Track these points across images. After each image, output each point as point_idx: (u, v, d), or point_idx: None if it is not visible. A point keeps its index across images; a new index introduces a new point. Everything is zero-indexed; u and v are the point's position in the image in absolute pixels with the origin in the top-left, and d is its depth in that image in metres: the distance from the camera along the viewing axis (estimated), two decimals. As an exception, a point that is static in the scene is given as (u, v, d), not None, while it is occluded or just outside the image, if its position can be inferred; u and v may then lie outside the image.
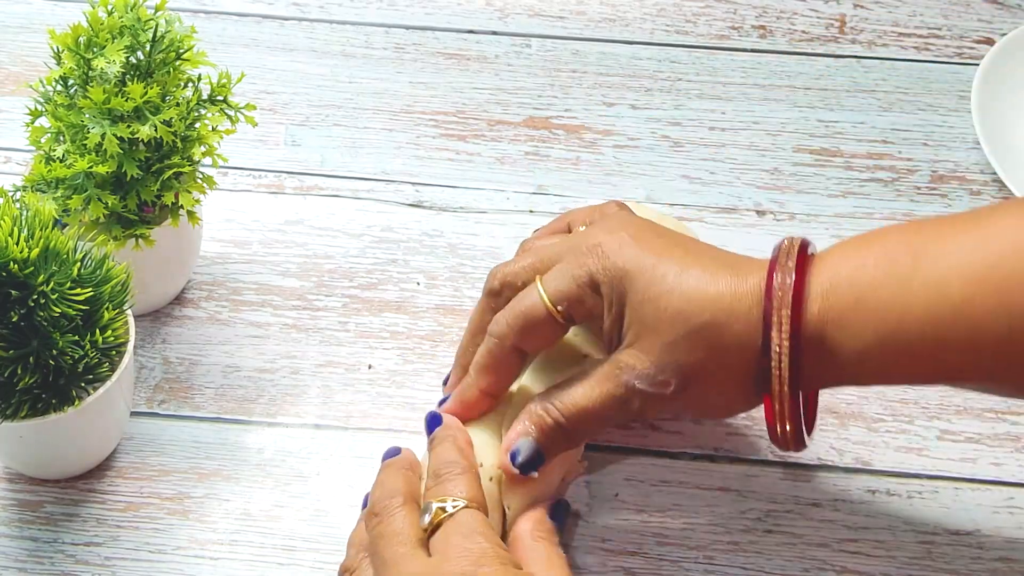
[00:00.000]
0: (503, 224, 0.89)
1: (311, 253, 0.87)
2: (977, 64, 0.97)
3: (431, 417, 0.72)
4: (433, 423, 0.71)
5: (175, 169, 0.75)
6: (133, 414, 0.78)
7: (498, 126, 0.95)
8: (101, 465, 0.76)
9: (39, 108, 0.76)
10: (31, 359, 0.68)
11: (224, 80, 0.77)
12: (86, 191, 0.74)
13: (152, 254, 0.77)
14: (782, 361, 0.65)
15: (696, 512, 0.76)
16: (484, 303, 0.74)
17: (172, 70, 0.76)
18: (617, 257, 0.68)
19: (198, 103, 0.77)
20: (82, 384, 0.71)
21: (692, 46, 1.01)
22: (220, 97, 0.77)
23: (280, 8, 1.02)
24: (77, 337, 0.69)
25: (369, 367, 0.82)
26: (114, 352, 0.72)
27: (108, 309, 0.71)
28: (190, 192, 0.77)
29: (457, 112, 0.96)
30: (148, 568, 0.73)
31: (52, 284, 0.67)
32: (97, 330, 0.70)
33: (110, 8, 0.75)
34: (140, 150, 0.75)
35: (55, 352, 0.68)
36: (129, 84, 0.73)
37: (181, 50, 0.76)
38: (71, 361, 0.69)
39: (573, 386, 0.69)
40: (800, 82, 0.98)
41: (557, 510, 0.70)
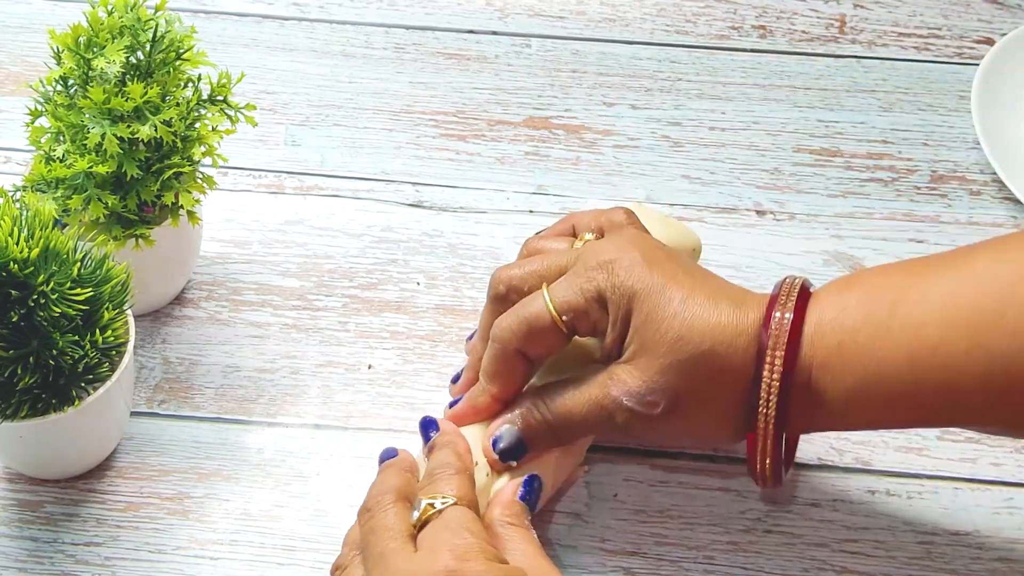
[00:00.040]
0: (503, 224, 0.89)
1: (311, 253, 0.87)
2: (977, 64, 0.97)
3: (427, 422, 0.72)
4: (428, 427, 0.72)
5: (175, 169, 0.75)
6: (133, 414, 0.78)
7: (498, 126, 0.95)
8: (101, 465, 0.76)
9: (39, 108, 0.76)
10: (31, 359, 0.68)
11: (224, 80, 0.77)
12: (86, 191, 0.74)
13: (152, 254, 0.77)
14: (770, 400, 0.66)
15: (696, 512, 0.76)
16: (490, 309, 0.74)
17: (172, 70, 0.76)
18: (627, 276, 0.68)
19: (198, 103, 0.77)
20: (82, 384, 0.71)
21: (692, 46, 1.01)
22: (220, 97, 0.77)
23: (280, 8, 1.02)
24: (77, 337, 0.69)
25: (369, 367, 0.82)
26: (114, 352, 0.72)
27: (108, 309, 0.71)
28: (190, 192, 0.77)
29: (457, 112, 0.96)
30: (148, 568, 0.73)
31: (52, 284, 0.67)
32: (97, 330, 0.70)
33: (110, 8, 0.75)
34: (140, 150, 0.75)
35: (55, 352, 0.68)
36: (129, 84, 0.73)
37: (181, 50, 0.76)
38: (71, 361, 0.69)
39: (566, 388, 0.70)
40: (800, 82, 0.98)
41: (529, 488, 0.70)
